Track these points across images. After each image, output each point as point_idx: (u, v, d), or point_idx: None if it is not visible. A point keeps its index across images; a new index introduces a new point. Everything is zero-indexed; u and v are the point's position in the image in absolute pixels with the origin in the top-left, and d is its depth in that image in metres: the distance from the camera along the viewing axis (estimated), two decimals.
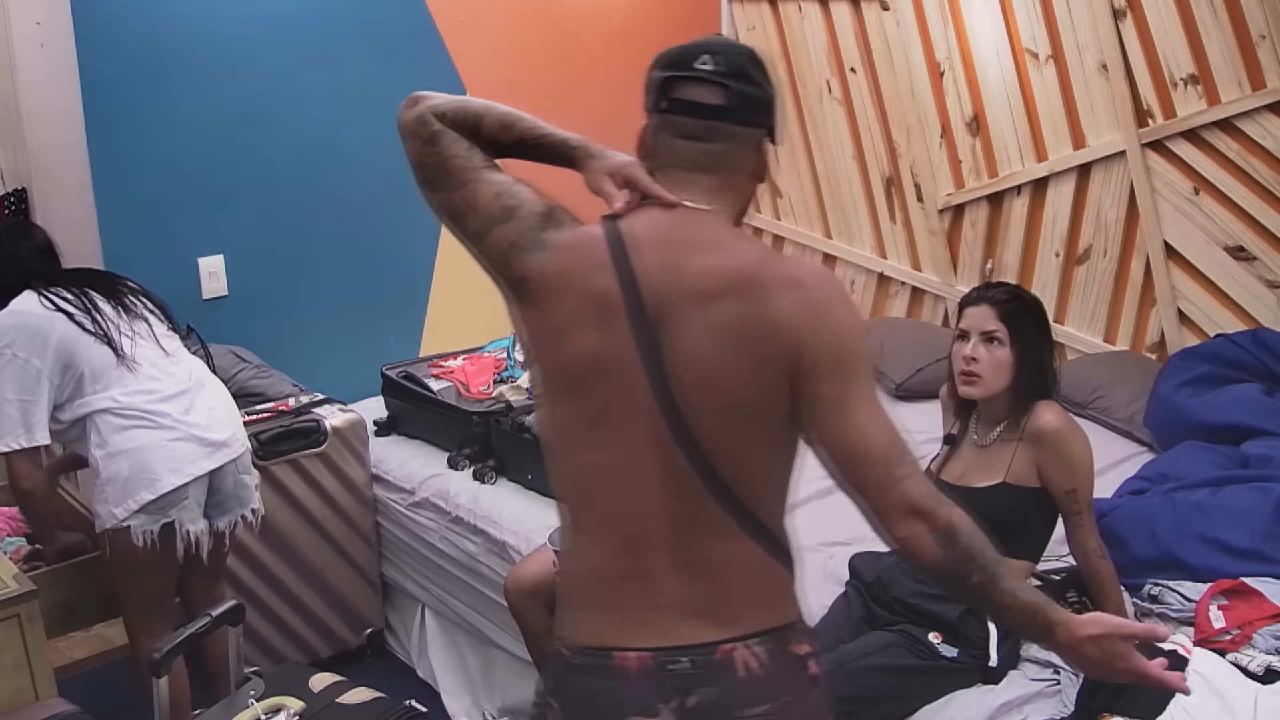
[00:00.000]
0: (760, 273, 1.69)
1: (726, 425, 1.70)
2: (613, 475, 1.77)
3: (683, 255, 1.71)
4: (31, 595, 2.70)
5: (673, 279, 1.69)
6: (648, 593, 1.77)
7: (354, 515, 3.96)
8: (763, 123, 1.80)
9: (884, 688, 2.66)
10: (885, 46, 5.01)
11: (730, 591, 1.76)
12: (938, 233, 5.02)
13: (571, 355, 1.75)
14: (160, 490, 2.99)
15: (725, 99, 1.74)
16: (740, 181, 1.82)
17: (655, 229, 1.74)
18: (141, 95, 3.93)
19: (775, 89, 1.81)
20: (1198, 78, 4.12)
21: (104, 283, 3.15)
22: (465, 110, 1.84)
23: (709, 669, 1.73)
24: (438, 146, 1.82)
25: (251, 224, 4.26)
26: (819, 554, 3.36)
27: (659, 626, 1.75)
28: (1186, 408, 3.82)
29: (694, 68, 1.75)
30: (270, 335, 4.27)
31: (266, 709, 2.65)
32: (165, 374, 3.10)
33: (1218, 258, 4.21)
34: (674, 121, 1.77)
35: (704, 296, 1.68)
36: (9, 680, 2.68)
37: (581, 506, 1.83)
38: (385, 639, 4.20)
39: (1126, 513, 3.23)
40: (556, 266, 1.75)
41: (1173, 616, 2.87)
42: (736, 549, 1.75)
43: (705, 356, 1.68)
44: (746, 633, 1.75)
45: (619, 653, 1.75)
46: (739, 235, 1.80)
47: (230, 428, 3.19)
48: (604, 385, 1.74)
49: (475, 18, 4.63)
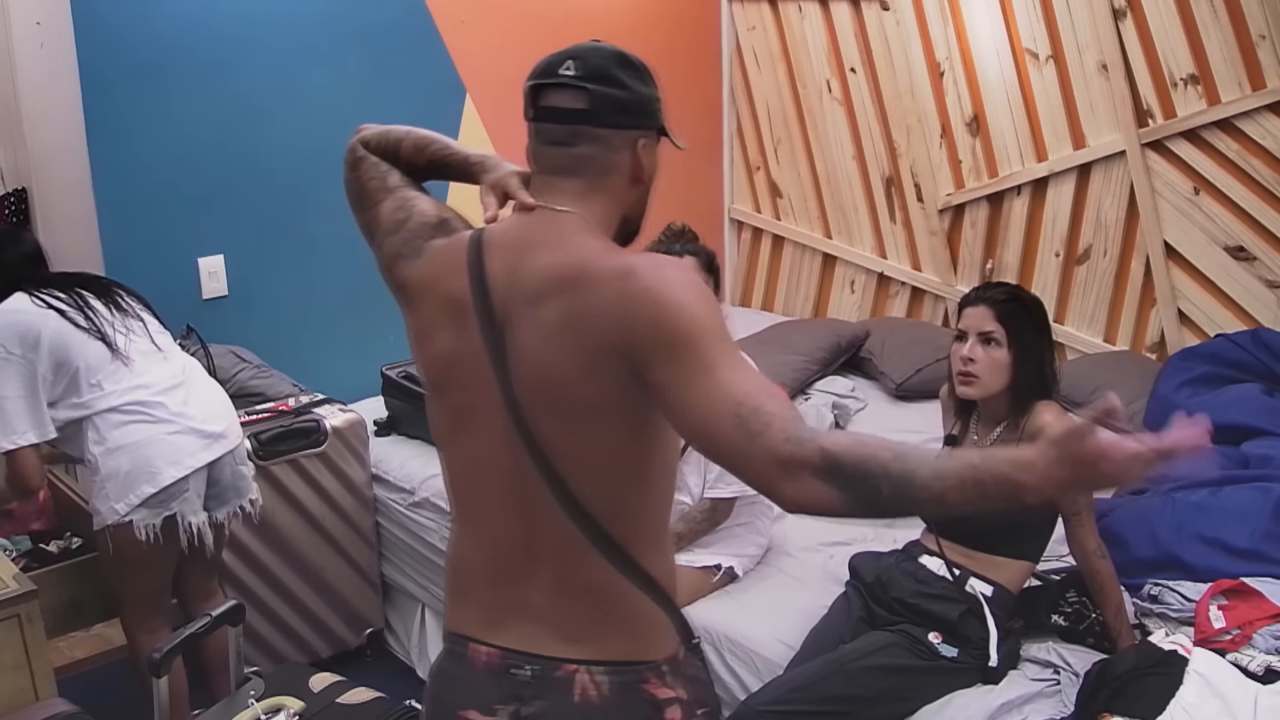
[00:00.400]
0: (589, 267, 1.65)
1: (566, 425, 1.68)
2: (475, 474, 1.82)
3: (525, 257, 1.71)
4: (31, 595, 2.70)
5: (513, 280, 1.71)
6: (504, 593, 1.80)
7: (354, 515, 3.96)
8: (631, 124, 1.75)
9: (884, 688, 2.67)
10: (885, 46, 5.01)
11: (578, 610, 1.76)
12: (938, 233, 5.02)
13: (434, 357, 1.81)
14: (162, 483, 3.00)
15: (586, 103, 1.71)
16: (615, 184, 1.77)
17: (509, 233, 1.76)
18: (141, 95, 3.93)
19: (649, 88, 1.78)
20: (1198, 78, 4.12)
21: (94, 282, 3.16)
22: (387, 138, 1.98)
23: (547, 684, 1.74)
24: (358, 171, 1.96)
25: (252, 224, 4.26)
26: (819, 554, 3.37)
27: (511, 628, 1.78)
28: (1186, 408, 3.80)
29: (558, 74, 1.73)
30: (270, 335, 4.27)
31: (266, 709, 2.65)
32: (159, 368, 3.10)
33: (1218, 258, 4.21)
34: (541, 129, 1.76)
35: (536, 296, 1.68)
36: (9, 680, 2.68)
37: (456, 501, 1.89)
38: (385, 639, 4.20)
39: (1126, 513, 3.23)
40: (423, 272, 1.81)
41: (1173, 616, 2.87)
42: (587, 567, 1.73)
43: (539, 356, 1.68)
44: (593, 658, 1.74)
45: (474, 644, 1.80)
46: (585, 234, 1.72)
47: (226, 419, 3.20)
48: (460, 386, 1.78)
49: (475, 18, 4.63)
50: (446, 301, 1.76)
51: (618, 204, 1.79)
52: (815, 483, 1.42)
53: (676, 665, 1.82)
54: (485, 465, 1.78)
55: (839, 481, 1.41)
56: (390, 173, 1.94)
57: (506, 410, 1.70)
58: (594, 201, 1.75)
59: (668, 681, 1.78)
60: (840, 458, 1.41)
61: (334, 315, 4.47)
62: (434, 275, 1.79)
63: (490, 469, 1.77)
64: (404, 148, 1.96)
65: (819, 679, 2.68)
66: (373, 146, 1.97)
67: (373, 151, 1.97)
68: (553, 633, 1.76)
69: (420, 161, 1.96)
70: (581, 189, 1.74)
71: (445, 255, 1.79)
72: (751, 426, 1.46)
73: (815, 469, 1.41)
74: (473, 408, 1.76)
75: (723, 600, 3.18)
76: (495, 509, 1.79)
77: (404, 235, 1.85)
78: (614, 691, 1.73)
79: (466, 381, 1.75)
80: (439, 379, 1.82)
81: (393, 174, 1.94)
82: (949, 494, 1.39)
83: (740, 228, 5.87)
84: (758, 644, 2.98)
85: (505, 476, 1.75)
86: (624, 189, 1.78)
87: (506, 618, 1.79)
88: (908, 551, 3.00)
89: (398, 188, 1.93)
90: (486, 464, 1.78)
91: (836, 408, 4.41)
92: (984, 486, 1.38)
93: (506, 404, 1.70)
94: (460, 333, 1.74)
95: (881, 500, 1.40)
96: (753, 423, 1.46)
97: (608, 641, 1.76)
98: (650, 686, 1.76)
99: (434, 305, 1.78)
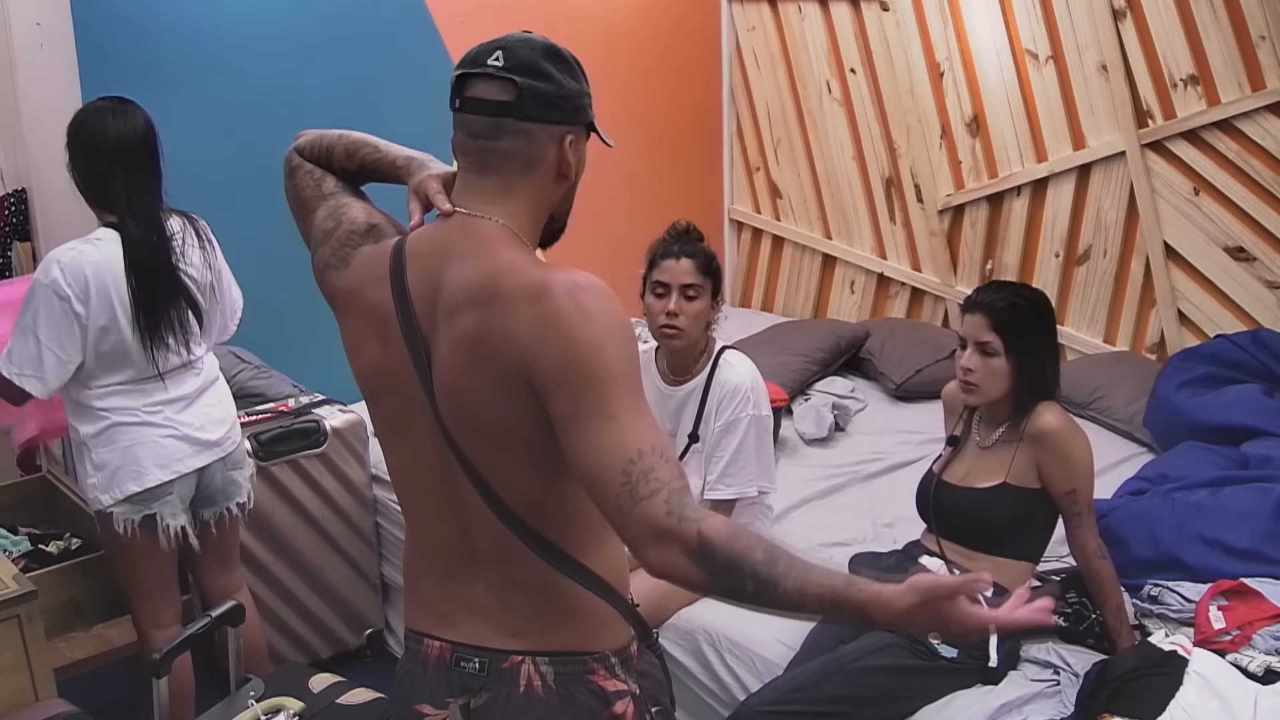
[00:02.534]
0: (501, 284, 1.62)
1: (484, 442, 1.68)
2: (414, 478, 1.83)
3: (445, 268, 1.68)
4: (31, 596, 2.70)
5: (432, 292, 1.69)
6: (452, 591, 1.81)
7: (354, 516, 3.96)
8: (557, 119, 1.70)
9: (884, 688, 2.66)
10: (885, 47, 5.01)
11: (522, 605, 1.77)
12: (938, 233, 5.02)
13: (363, 366, 1.81)
14: (146, 484, 3.00)
15: (512, 95, 1.66)
16: (538, 180, 1.72)
17: (428, 240, 1.74)
18: (141, 95, 3.89)
19: (579, 82, 1.73)
20: (1197, 78, 4.12)
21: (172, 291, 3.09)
22: (320, 143, 1.96)
23: (494, 675, 1.76)
24: (294, 180, 1.96)
25: (251, 224, 4.25)
26: (819, 554, 3.37)
27: (460, 623, 1.80)
28: (1186, 408, 3.82)
29: (485, 64, 1.69)
30: (270, 336, 4.25)
31: (266, 709, 2.65)
32: (177, 386, 3.09)
33: (1217, 258, 4.21)
34: (464, 120, 1.71)
35: (451, 310, 1.66)
36: (9, 680, 2.68)
37: (401, 502, 1.90)
38: (385, 639, 4.20)
39: (1126, 513, 3.23)
40: (348, 282, 1.81)
41: (1173, 617, 2.87)
42: (526, 567, 1.73)
43: (453, 373, 1.67)
44: (536, 649, 1.75)
45: (427, 639, 1.82)
46: (504, 244, 1.68)
47: (224, 427, 3.19)
48: (390, 395, 1.78)
49: (475, 17, 4.62)
50: (370, 311, 1.75)
51: (541, 202, 1.75)
52: (683, 560, 1.48)
53: (627, 658, 1.82)
54: (422, 471, 1.79)
55: (707, 568, 1.48)
56: (324, 179, 1.93)
57: (435, 423, 1.70)
58: (516, 201, 1.71)
59: (617, 674, 1.78)
60: (715, 548, 1.47)
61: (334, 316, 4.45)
62: (359, 284, 1.78)
63: (427, 474, 1.78)
64: (336, 153, 1.94)
65: (819, 679, 2.68)
66: (307, 154, 1.96)
67: (307, 158, 1.96)
68: (499, 627, 1.77)
69: (352, 166, 1.94)
70: (503, 187, 1.70)
71: (370, 264, 1.78)
72: (638, 490, 1.49)
73: (687, 548, 1.47)
74: (405, 416, 1.76)
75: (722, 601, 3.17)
76: (435, 512, 1.80)
77: (332, 245, 1.84)
78: (559, 682, 1.74)
79: (396, 391, 1.75)
80: (372, 388, 1.81)
81: (327, 180, 1.93)
82: (807, 606, 1.48)
83: (740, 228, 5.87)
84: (757, 644, 2.98)
85: (441, 482, 1.75)
86: (548, 185, 1.74)
87: (455, 614, 1.80)
88: (908, 552, 3.00)
89: (331, 194, 1.91)
90: (423, 470, 1.78)
91: (836, 408, 4.41)
92: (840, 611, 1.48)
93: (435, 418, 1.70)
94: (385, 343, 1.74)
95: (745, 595, 1.48)
96: (640, 486, 1.49)
97: (551, 633, 1.77)
98: (597, 678, 1.76)
99: (360, 315, 1.78)
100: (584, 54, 1.80)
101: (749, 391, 3.12)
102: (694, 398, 3.15)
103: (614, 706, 1.76)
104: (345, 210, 1.88)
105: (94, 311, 2.88)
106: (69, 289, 2.85)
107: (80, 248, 2.91)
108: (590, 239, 4.70)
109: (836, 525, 3.49)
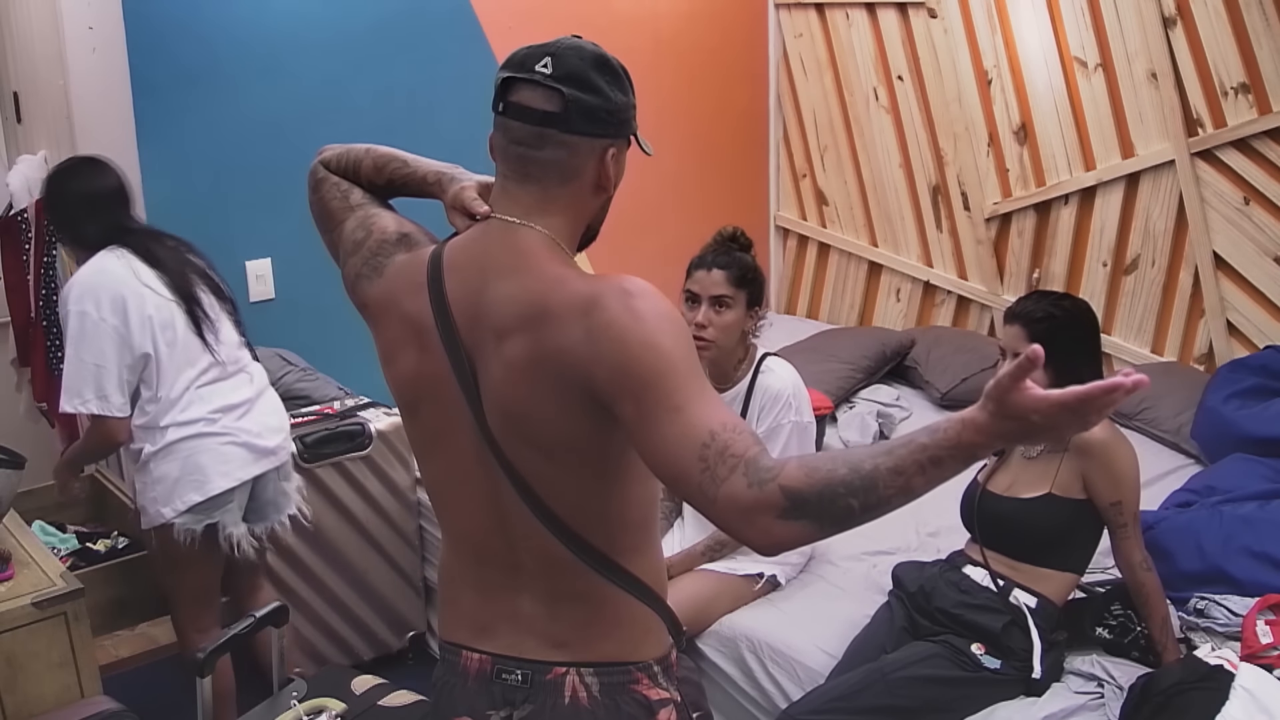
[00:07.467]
0: (550, 300, 1.60)
1: (539, 457, 1.67)
2: (452, 489, 1.83)
3: (486, 281, 1.67)
4: (78, 594, 2.73)
5: (476, 309, 1.68)
6: (490, 602, 1.81)
7: (397, 518, 3.97)
8: (601, 132, 1.67)
9: (926, 698, 2.65)
10: (933, 54, 4.99)
11: (566, 616, 1.76)
12: (984, 241, 5.00)
13: (401, 376, 1.79)
14: (209, 493, 3.02)
15: (558, 105, 1.63)
16: (576, 191, 1.69)
17: (466, 249, 1.72)
18: (191, 99, 3.97)
19: (626, 95, 1.71)
20: (1248, 86, 4.08)
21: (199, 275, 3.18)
22: (347, 157, 1.96)
23: (537, 687, 1.75)
24: (320, 193, 1.96)
25: (299, 227, 4.22)
26: (862, 563, 3.36)
27: (501, 635, 1.79)
28: (1235, 420, 3.78)
29: (533, 70, 1.66)
30: (316, 338, 4.29)
31: (308, 710, 2.67)
32: (233, 391, 3.13)
33: (1267, 268, 4.17)
34: (507, 125, 1.68)
35: (500, 332, 1.64)
36: (55, 677, 2.71)
37: (438, 513, 1.91)
38: (427, 642, 4.21)
39: (1173, 525, 3.20)
40: (383, 292, 1.80)
41: (1219, 631, 2.85)
42: (572, 577, 1.73)
43: (509, 393, 1.65)
44: (580, 660, 1.75)
45: (466, 651, 1.82)
46: (544, 255, 1.66)
47: (279, 435, 3.23)
48: (430, 406, 1.77)
49: (523, 24, 4.64)
50: (406, 321, 1.74)
51: (580, 212, 1.73)
52: (780, 523, 1.40)
53: (668, 665, 1.82)
54: (462, 482, 1.78)
55: (808, 514, 1.38)
56: (351, 191, 1.93)
57: (478, 434, 1.70)
58: (555, 211, 1.69)
59: (660, 682, 1.78)
60: (802, 493, 1.38)
61: None
62: (394, 293, 1.77)
63: (467, 486, 1.77)
64: (364, 167, 1.94)
65: (860, 688, 2.68)
66: (333, 167, 1.96)
67: (334, 172, 1.96)
68: (542, 638, 1.77)
69: (380, 181, 1.94)
70: (542, 197, 1.68)
71: (405, 272, 1.77)
72: (718, 472, 1.43)
73: (779, 510, 1.39)
74: (444, 427, 1.75)
75: (765, 608, 3.17)
76: (476, 523, 1.79)
77: (364, 254, 1.84)
78: (604, 693, 1.74)
79: (435, 401, 1.74)
80: (409, 399, 1.80)
81: (354, 192, 1.93)
82: (913, 481, 1.36)
83: (786, 235, 5.86)
84: (799, 652, 2.97)
85: (483, 493, 1.75)
86: (587, 196, 1.72)
87: (496, 625, 1.80)
88: (951, 561, 2.98)
89: (359, 206, 1.91)
90: (463, 480, 1.77)
91: (881, 416, 4.40)
92: (940, 462, 1.36)
93: (479, 429, 1.69)
94: (422, 352, 1.73)
95: (855, 515, 1.38)
96: (719, 468, 1.43)
97: (596, 644, 1.76)
98: (641, 687, 1.76)
99: (396, 324, 1.77)
100: (630, 59, 1.79)
101: (790, 398, 3.11)
102: (735, 405, 3.14)
103: (658, 715, 1.76)
104: (375, 220, 1.87)
105: (126, 313, 2.95)
106: (91, 305, 2.92)
107: (87, 268, 3.00)
108: (637, 244, 4.72)
109: (880, 534, 3.47)
